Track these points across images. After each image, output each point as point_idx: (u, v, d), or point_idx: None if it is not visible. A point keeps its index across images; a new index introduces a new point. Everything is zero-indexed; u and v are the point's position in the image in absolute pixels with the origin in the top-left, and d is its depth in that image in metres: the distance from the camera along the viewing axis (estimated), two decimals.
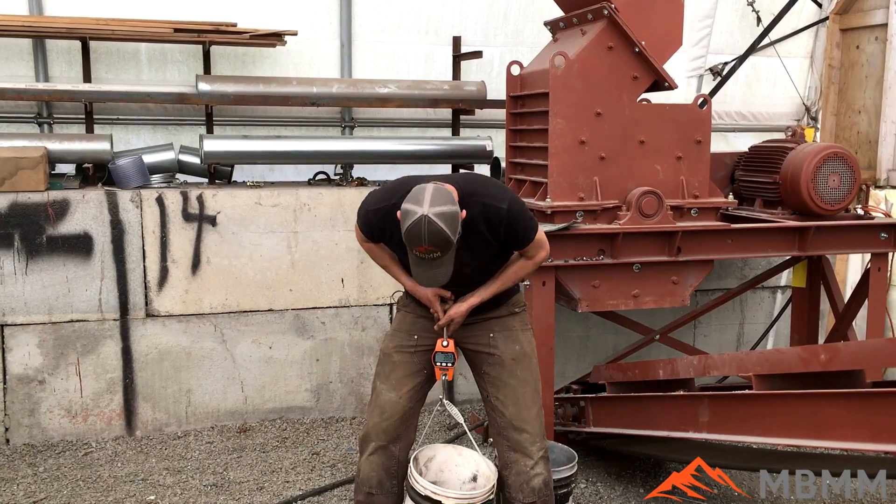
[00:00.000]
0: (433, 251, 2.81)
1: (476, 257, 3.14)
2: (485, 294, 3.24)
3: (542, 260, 3.26)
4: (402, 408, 3.33)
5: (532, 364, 3.35)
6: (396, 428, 3.35)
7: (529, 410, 3.30)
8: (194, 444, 5.03)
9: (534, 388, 3.33)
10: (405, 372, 3.34)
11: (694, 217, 4.61)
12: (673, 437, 3.66)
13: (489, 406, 3.37)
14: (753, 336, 6.30)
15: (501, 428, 3.32)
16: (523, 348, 3.33)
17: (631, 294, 4.57)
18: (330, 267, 5.34)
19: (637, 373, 4.12)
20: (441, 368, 3.28)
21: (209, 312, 5.17)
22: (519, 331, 3.36)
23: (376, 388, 3.40)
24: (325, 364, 5.42)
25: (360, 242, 3.36)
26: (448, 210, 2.81)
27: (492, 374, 3.32)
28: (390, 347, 3.39)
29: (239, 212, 5.16)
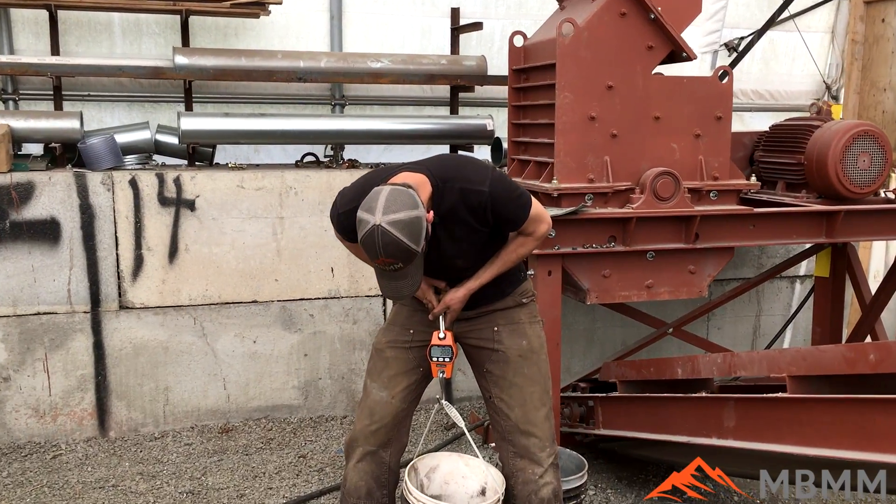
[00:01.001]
0: (393, 263, 2.46)
1: (466, 248, 2.79)
2: (483, 277, 2.88)
3: (543, 234, 2.89)
4: (394, 409, 2.98)
5: (541, 361, 2.99)
6: (387, 432, 2.99)
7: (538, 412, 2.94)
8: (172, 445, 4.66)
9: (543, 387, 2.97)
10: (398, 369, 2.98)
11: (713, 200, 4.23)
12: (693, 442, 3.29)
13: (492, 408, 3.01)
14: (770, 329, 5.93)
15: (506, 432, 2.96)
16: (531, 343, 2.97)
17: (644, 284, 4.20)
18: (319, 255, 4.97)
19: (652, 371, 3.75)
20: (438, 364, 2.91)
21: (188, 304, 4.80)
22: (526, 324, 2.99)
23: (367, 387, 3.04)
24: (314, 359, 5.05)
25: (340, 241, 3.00)
26: (405, 217, 2.43)
27: (496, 372, 2.96)
28: (383, 343, 3.03)
29: (220, 195, 4.78)
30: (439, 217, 2.66)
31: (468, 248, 2.79)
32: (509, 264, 2.91)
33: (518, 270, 3.06)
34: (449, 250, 2.77)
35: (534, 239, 2.89)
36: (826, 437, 2.69)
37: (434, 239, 2.66)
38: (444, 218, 2.68)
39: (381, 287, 2.61)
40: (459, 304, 2.88)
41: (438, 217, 2.66)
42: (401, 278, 2.54)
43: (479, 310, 2.97)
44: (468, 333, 3.00)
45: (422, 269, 2.58)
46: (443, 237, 2.72)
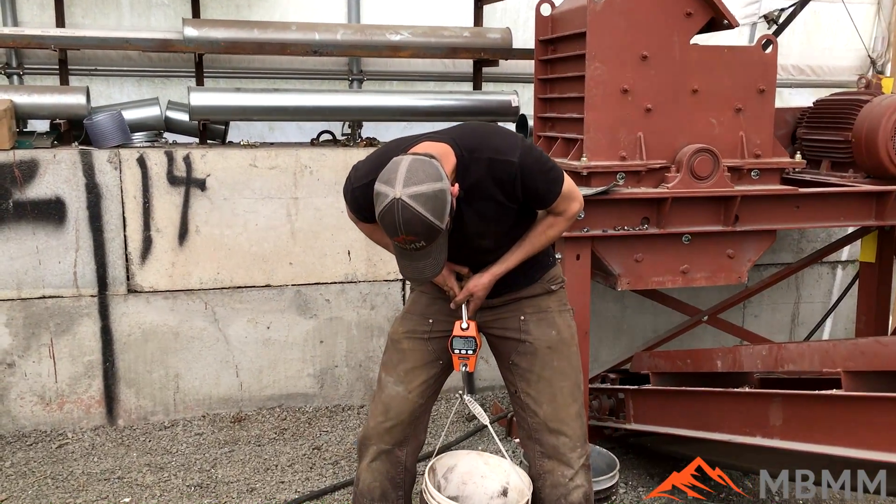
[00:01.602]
0: (415, 240, 2.22)
1: (492, 227, 2.54)
2: (510, 261, 2.64)
3: (575, 214, 2.65)
4: (412, 405, 2.75)
5: (572, 353, 2.75)
6: (403, 429, 2.77)
7: (568, 409, 2.70)
8: (182, 435, 4.48)
9: (574, 381, 2.73)
10: (416, 362, 2.76)
11: (754, 180, 3.94)
12: (735, 441, 3.03)
13: (518, 403, 2.77)
14: (810, 317, 5.63)
15: (534, 430, 2.73)
16: (561, 334, 2.72)
17: (679, 270, 3.92)
18: (335, 237, 4.74)
19: (689, 363, 3.49)
20: (460, 357, 2.69)
21: (199, 288, 4.59)
22: (556, 312, 2.75)
23: (381, 381, 2.82)
24: (330, 346, 4.84)
25: (354, 222, 2.77)
26: (428, 190, 2.20)
27: (522, 365, 2.72)
28: (399, 333, 2.80)
29: (231, 175, 4.56)
30: (464, 191, 2.42)
31: (495, 227, 2.55)
32: (538, 247, 2.67)
33: (546, 254, 2.82)
34: (473, 230, 2.52)
35: (565, 219, 2.64)
36: (887, 441, 2.42)
37: (457, 217, 2.42)
38: (470, 192, 2.44)
39: (401, 268, 2.38)
40: (484, 291, 2.64)
41: (463, 191, 2.41)
42: (423, 258, 2.30)
43: (505, 297, 2.73)
44: (492, 323, 2.76)
45: (446, 248, 2.35)
46: (467, 215, 2.48)
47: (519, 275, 2.71)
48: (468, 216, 2.48)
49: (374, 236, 2.80)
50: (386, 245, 2.79)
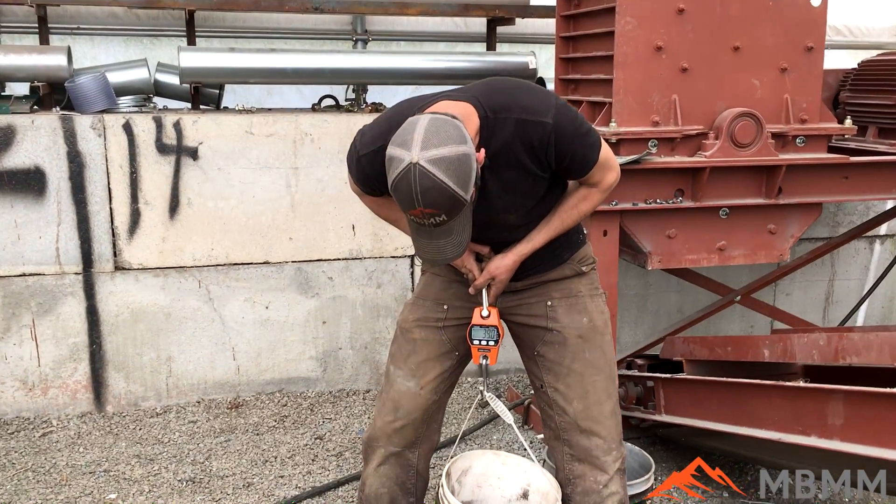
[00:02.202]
0: (434, 214, 1.89)
1: (520, 200, 2.21)
2: (537, 239, 2.30)
3: (611, 185, 2.32)
4: (424, 402, 2.43)
5: (605, 343, 2.42)
6: (415, 429, 2.46)
7: (602, 406, 2.38)
8: (175, 423, 4.17)
9: (608, 375, 2.41)
10: (430, 354, 2.43)
11: (799, 147, 3.57)
12: (785, 441, 2.70)
13: (545, 399, 2.45)
14: (845, 295, 5.28)
15: (562, 430, 2.41)
16: (593, 321, 2.39)
17: (715, 247, 3.58)
18: (338, 211, 4.39)
19: (730, 350, 3.16)
20: (480, 349, 2.36)
21: (192, 265, 4.26)
22: (587, 297, 2.42)
23: (390, 375, 2.49)
24: (334, 327, 4.51)
25: (358, 196, 2.42)
26: (451, 153, 1.86)
27: (550, 356, 2.39)
28: (410, 321, 2.47)
29: (226, 143, 4.21)
30: (488, 158, 2.07)
31: (522, 200, 2.20)
32: (568, 224, 2.33)
33: (576, 232, 2.48)
34: (499, 203, 2.18)
35: (600, 191, 2.30)
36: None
37: (481, 188, 2.08)
38: (495, 159, 2.10)
39: (417, 248, 2.04)
40: (507, 273, 2.31)
41: (488, 158, 2.07)
42: (443, 235, 1.96)
43: (530, 280, 2.40)
44: (516, 309, 2.43)
45: (470, 223, 2.01)
46: (491, 185, 2.13)
47: (546, 255, 2.38)
48: (492, 187, 2.14)
49: (382, 212, 2.46)
50: (395, 221, 2.45)
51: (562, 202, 2.32)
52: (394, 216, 2.43)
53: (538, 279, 2.40)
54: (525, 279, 2.39)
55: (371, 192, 2.33)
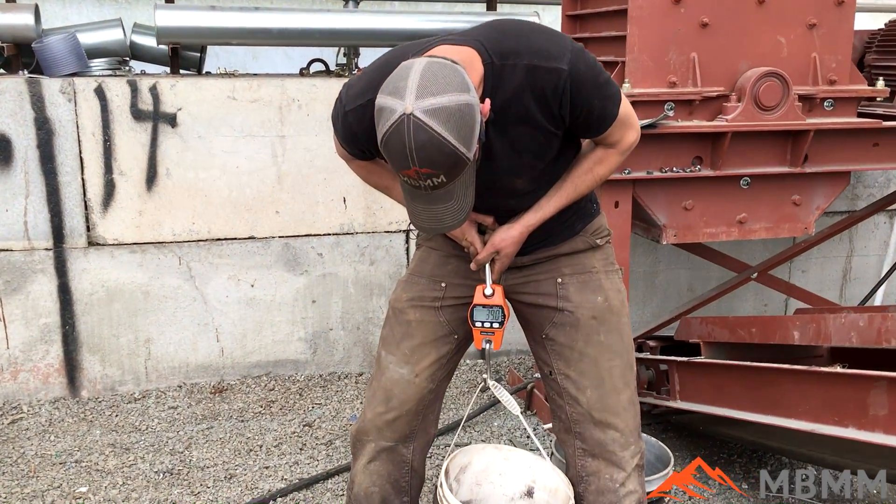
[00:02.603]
0: (432, 175, 1.60)
1: (529, 160, 1.92)
2: (547, 208, 2.03)
3: (630, 146, 2.04)
4: (419, 391, 2.17)
5: (622, 324, 2.15)
6: (409, 421, 2.19)
7: (619, 395, 2.11)
8: (154, 409, 3.91)
9: (625, 361, 2.14)
10: (425, 337, 2.16)
11: (827, 111, 3.29)
12: (819, 432, 2.44)
13: (554, 388, 2.19)
14: (863, 271, 5.01)
15: (574, 422, 2.15)
16: (609, 301, 2.12)
17: (735, 219, 3.31)
18: (328, 182, 4.11)
19: (754, 332, 2.89)
20: (483, 331, 2.09)
21: (171, 240, 3.98)
22: (602, 273, 2.15)
23: (381, 361, 2.22)
24: (324, 306, 4.24)
25: (346, 161, 2.14)
26: (451, 103, 1.58)
27: (560, 340, 2.12)
28: (404, 300, 2.19)
29: (207, 109, 3.91)
30: (494, 112, 1.79)
31: (530, 161, 1.92)
32: (582, 190, 2.05)
33: (590, 200, 2.21)
34: (505, 164, 1.90)
35: (618, 153, 2.03)
36: None
37: (485, 147, 1.80)
38: (502, 113, 1.81)
39: (412, 215, 1.75)
40: (513, 247, 2.03)
41: (493, 112, 1.78)
42: (442, 200, 1.68)
43: (538, 254, 2.12)
44: (522, 287, 2.15)
45: (473, 187, 1.73)
46: (497, 144, 1.85)
47: (556, 226, 2.10)
48: (498, 146, 1.86)
49: (373, 179, 2.17)
50: (388, 189, 2.16)
51: (574, 165, 2.04)
52: (386, 183, 2.15)
53: (547, 253, 2.13)
54: (533, 253, 2.12)
55: (360, 156, 2.05)
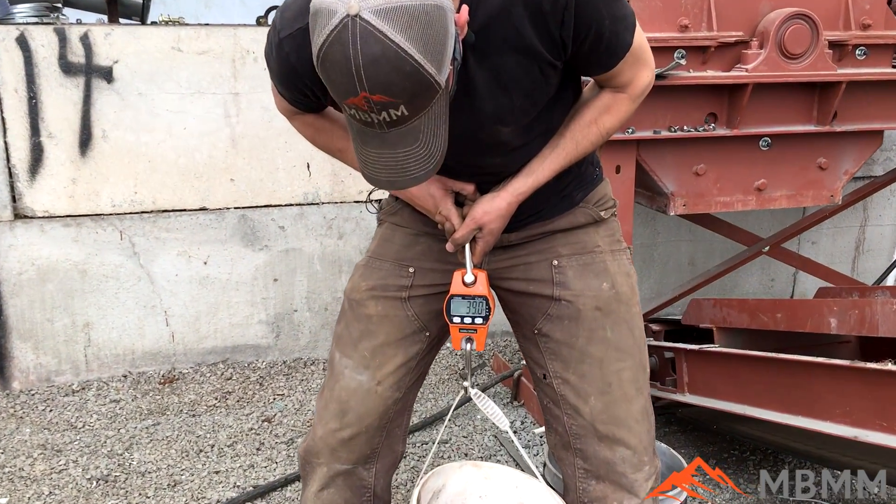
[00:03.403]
0: (387, 104, 1.16)
1: (518, 103, 1.48)
2: (542, 172, 1.59)
3: (644, 90, 1.61)
4: (382, 403, 1.74)
5: (633, 316, 1.73)
6: (370, 439, 1.76)
7: (630, 405, 1.70)
8: (93, 403, 3.46)
9: (637, 361, 1.73)
10: (389, 336, 1.73)
11: (859, 61, 2.85)
12: (864, 440, 2.03)
13: (548, 394, 1.77)
14: (878, 243, 4.62)
15: (574, 436, 1.73)
16: (617, 288, 1.70)
17: (753, 186, 2.88)
18: (289, 146, 3.64)
19: (779, 318, 2.47)
20: (462, 328, 1.65)
21: (111, 212, 3.51)
22: (607, 254, 1.73)
23: (335, 365, 1.79)
24: (287, 285, 3.80)
25: (287, 116, 1.68)
26: (411, 2, 1.13)
27: (556, 336, 1.70)
28: (363, 290, 1.75)
29: (148, 62, 3.42)
30: (474, 33, 1.34)
31: (521, 103, 1.48)
32: (584, 147, 1.61)
33: (591, 163, 1.77)
34: (487, 106, 1.46)
35: (629, 98, 1.59)
36: None
37: (462, 79, 1.36)
38: (484, 34, 1.37)
39: (364, 163, 1.29)
40: (499, 222, 1.60)
41: (473, 32, 1.34)
42: (405, 142, 1.23)
43: (529, 231, 1.69)
44: (509, 271, 1.72)
45: (445, 127, 1.28)
46: (477, 77, 1.41)
47: (551, 195, 1.67)
48: (480, 80, 1.41)
49: (322, 139, 1.72)
50: (341, 152, 1.71)
51: (574, 116, 1.60)
52: (339, 144, 1.70)
53: (540, 229, 1.69)
54: (522, 229, 1.69)
55: (304, 104, 1.61)
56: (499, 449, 3.12)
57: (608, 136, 1.64)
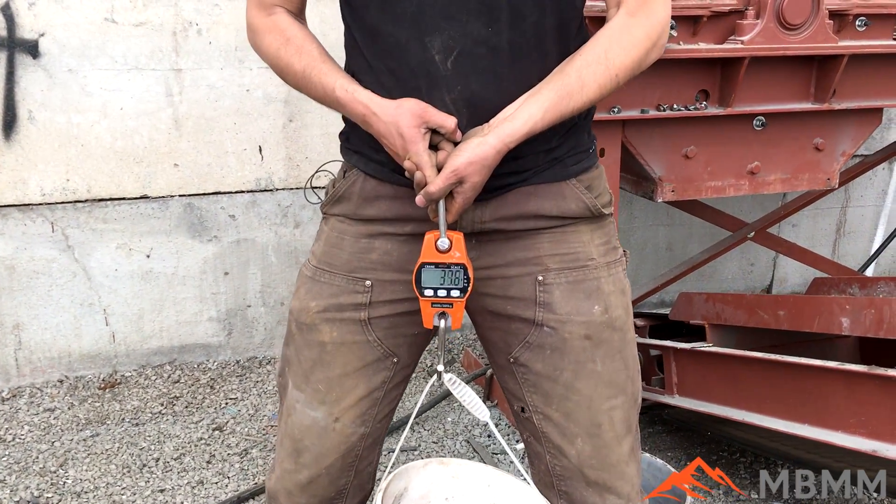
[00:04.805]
0: None
1: None
2: (537, 113, 1.26)
3: (661, 29, 1.35)
4: (343, 441, 1.47)
5: (627, 344, 1.47)
6: (334, 480, 1.50)
7: (620, 446, 1.46)
8: (25, 412, 3.15)
9: (629, 396, 1.47)
10: (347, 367, 1.45)
11: (860, 32, 2.62)
12: (880, 455, 1.83)
13: (529, 430, 1.51)
14: (859, 224, 4.46)
15: (558, 477, 1.48)
16: (610, 311, 1.43)
17: (746, 169, 2.66)
18: (240, 127, 3.33)
19: (782, 316, 2.25)
20: (436, 303, 1.34)
21: (40, 202, 3.18)
22: (602, 268, 1.45)
23: (286, 396, 1.52)
24: (239, 279, 3.50)
25: (256, 34, 1.43)
26: None
27: (536, 368, 1.43)
28: (313, 313, 1.45)
29: (78, 35, 3.08)
30: None
31: None
32: (590, 92, 1.29)
33: (587, 132, 1.48)
34: None
35: (644, 26, 1.32)
36: None
37: None
38: None
39: None
40: (483, 174, 1.27)
41: None
42: None
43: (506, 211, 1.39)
44: (483, 285, 1.42)
45: None
46: None
47: (539, 150, 1.37)
48: None
49: (286, 52, 1.38)
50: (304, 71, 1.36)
51: (578, 52, 1.31)
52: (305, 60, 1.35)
53: (522, 208, 1.38)
54: (498, 200, 1.37)
55: None
56: (472, 456, 2.88)
57: (618, 80, 1.32)
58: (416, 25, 1.27)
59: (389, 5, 1.28)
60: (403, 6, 1.27)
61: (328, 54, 1.39)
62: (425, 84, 1.27)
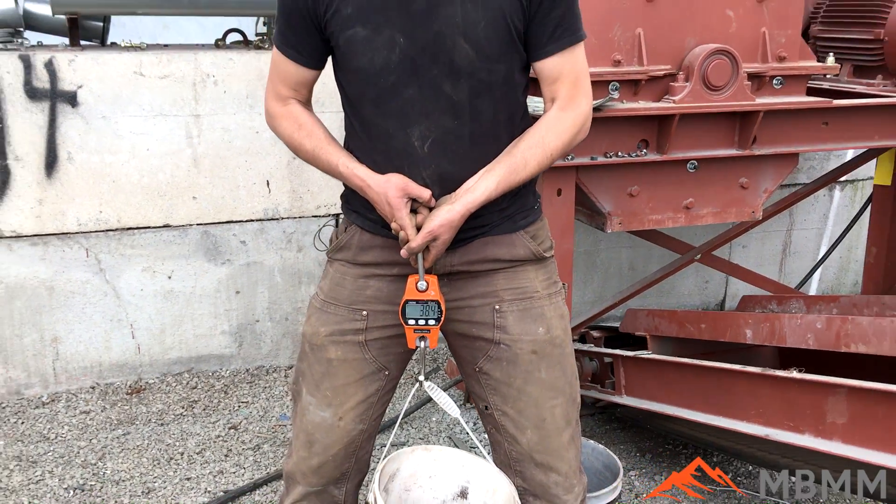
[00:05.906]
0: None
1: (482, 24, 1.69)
2: (492, 186, 1.74)
3: (587, 115, 1.81)
4: (345, 435, 1.95)
5: (565, 356, 1.94)
6: (338, 465, 1.98)
7: (560, 436, 1.93)
8: (64, 414, 3.60)
9: (568, 398, 1.94)
10: (349, 378, 1.92)
11: (777, 90, 3.13)
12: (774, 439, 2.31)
13: (490, 422, 1.99)
14: (803, 245, 4.96)
15: (514, 460, 1.96)
16: (551, 331, 1.90)
17: (682, 205, 3.14)
18: (250, 165, 3.81)
19: (703, 328, 2.74)
20: (417, 330, 1.83)
21: (77, 231, 3.65)
22: (545, 299, 1.92)
23: (301, 399, 1.98)
24: (249, 297, 3.97)
25: (274, 120, 1.90)
26: None
27: (496, 375, 1.91)
28: (322, 336, 1.91)
29: (111, 86, 3.56)
30: None
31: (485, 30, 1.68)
32: (531, 168, 1.77)
33: (532, 193, 1.95)
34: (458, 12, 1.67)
35: (573, 121, 1.78)
36: None
37: None
38: None
39: None
40: (452, 233, 1.75)
41: None
42: None
43: (470, 256, 1.86)
44: (455, 313, 1.89)
45: None
46: None
47: (494, 211, 1.83)
48: None
49: (299, 135, 1.84)
50: (315, 150, 1.83)
51: (522, 137, 1.78)
52: (314, 142, 1.83)
53: (482, 254, 1.86)
54: (465, 249, 1.84)
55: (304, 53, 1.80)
56: None
57: (552, 159, 1.78)
58: (401, 119, 1.75)
59: (381, 103, 1.76)
60: (391, 105, 1.75)
61: (332, 136, 1.87)
62: (407, 163, 1.76)
